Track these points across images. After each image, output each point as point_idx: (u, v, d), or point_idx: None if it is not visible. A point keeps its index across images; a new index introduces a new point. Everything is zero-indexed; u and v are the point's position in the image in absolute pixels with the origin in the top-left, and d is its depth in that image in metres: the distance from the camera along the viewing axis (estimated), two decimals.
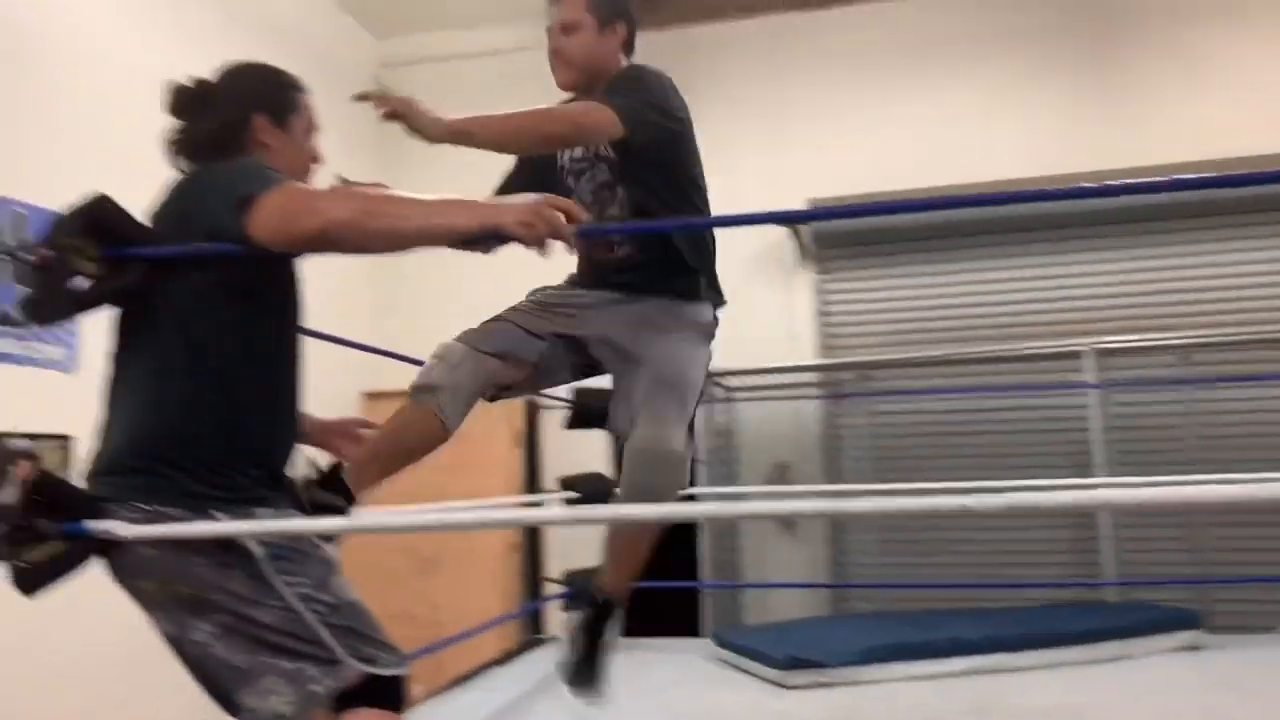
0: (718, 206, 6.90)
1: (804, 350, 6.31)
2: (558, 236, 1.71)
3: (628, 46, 2.65)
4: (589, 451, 5.86)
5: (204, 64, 2.08)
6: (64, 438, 4.29)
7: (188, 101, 1.97)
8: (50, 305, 1.62)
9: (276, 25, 5.75)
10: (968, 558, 5.77)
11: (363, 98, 2.21)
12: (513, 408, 6.45)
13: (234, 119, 1.95)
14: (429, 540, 6.06)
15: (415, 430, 2.35)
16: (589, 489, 4.14)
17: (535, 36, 6.71)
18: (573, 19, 2.61)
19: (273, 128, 1.98)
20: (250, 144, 1.96)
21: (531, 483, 6.27)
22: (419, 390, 2.37)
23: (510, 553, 6.13)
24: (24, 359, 4.14)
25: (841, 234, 6.37)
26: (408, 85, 7.66)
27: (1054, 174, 5.65)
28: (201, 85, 1.99)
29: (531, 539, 6.20)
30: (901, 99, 6.36)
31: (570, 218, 1.72)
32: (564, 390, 4.12)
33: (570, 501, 4.14)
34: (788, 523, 6.10)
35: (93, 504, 1.61)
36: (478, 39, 6.88)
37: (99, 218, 1.64)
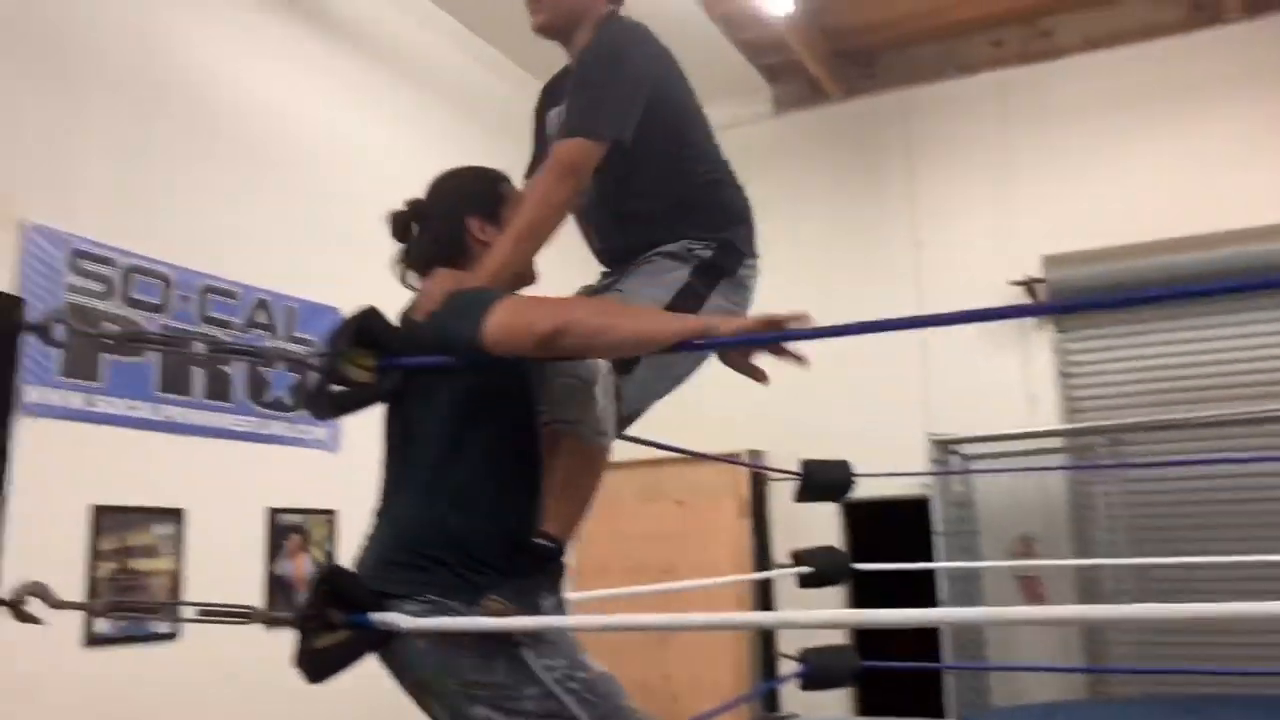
0: (948, 267, 6.77)
1: (1046, 414, 5.99)
2: (774, 348, 1.77)
3: None
4: (817, 521, 5.77)
5: (450, 161, 2.23)
6: (329, 513, 4.64)
7: (405, 224, 2.09)
8: (327, 404, 1.77)
9: (505, 119, 6.12)
10: (1246, 636, 5.23)
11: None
12: (739, 478, 6.44)
13: (450, 229, 2.04)
14: (663, 610, 6.09)
15: (601, 472, 2.03)
16: (822, 564, 4.05)
17: (748, 113, 6.87)
18: None
19: (487, 225, 2.05)
20: (471, 246, 2.04)
21: (761, 554, 6.21)
22: (601, 434, 2.01)
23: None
24: (293, 440, 4.52)
25: (1082, 290, 6.03)
26: None
27: None
28: (414, 205, 2.11)
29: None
30: (1139, 146, 6.02)
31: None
32: (794, 462, 4.09)
33: (803, 577, 4.06)
34: (1036, 595, 5.76)
35: (376, 597, 1.71)
36: None
37: (367, 328, 1.79)
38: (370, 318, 1.81)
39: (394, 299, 2.01)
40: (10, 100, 3.64)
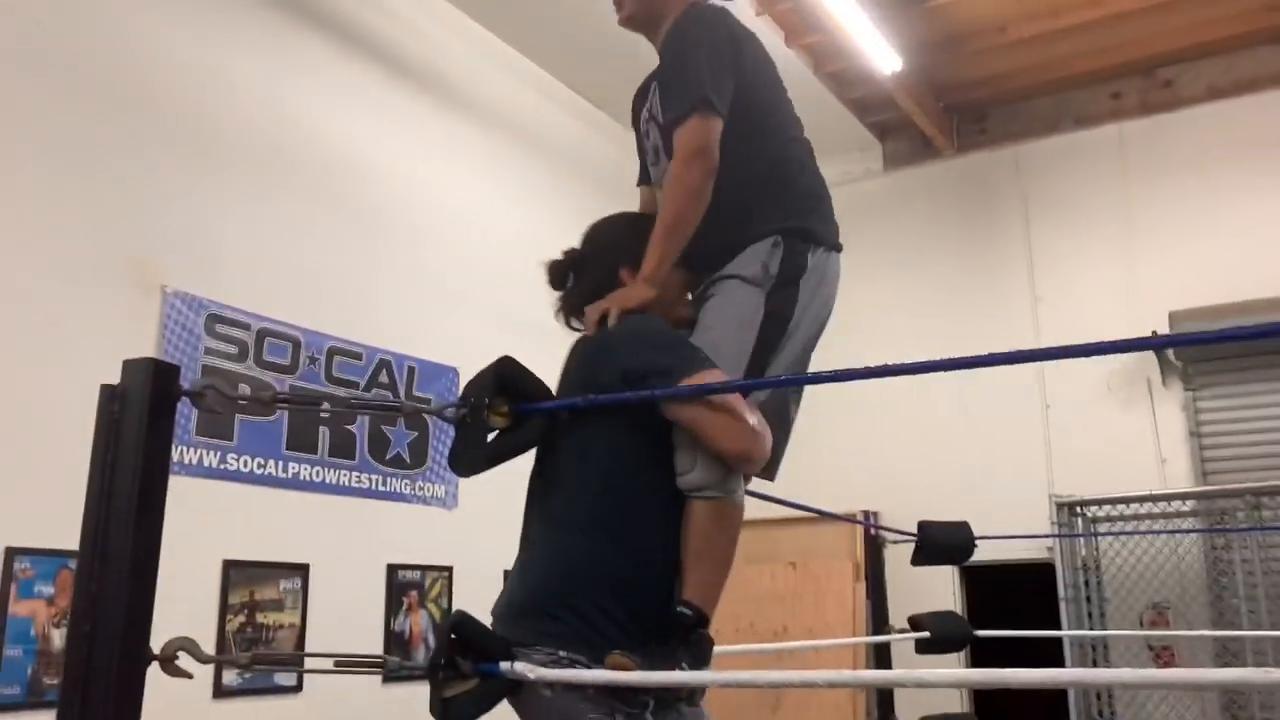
0: (1069, 322, 6.58)
1: (1177, 476, 5.74)
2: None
3: None
4: (936, 586, 5.61)
5: (570, 230, 2.29)
6: (446, 569, 4.72)
7: (561, 273, 2.17)
8: (470, 459, 1.79)
9: (613, 179, 6.24)
10: None
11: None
12: (854, 539, 6.32)
13: (604, 278, 2.11)
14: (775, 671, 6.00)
15: (736, 531, 2.00)
16: (941, 629, 3.93)
17: (859, 170, 6.87)
18: None
19: (637, 274, 2.07)
20: None
21: (876, 619, 6.06)
22: (731, 490, 1.96)
23: (855, 692, 5.92)
24: (412, 497, 4.63)
25: (1214, 345, 5.80)
26: None
27: None
28: (569, 254, 2.19)
29: None
30: (1268, 197, 5.79)
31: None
32: (912, 523, 4.01)
33: (920, 643, 3.94)
34: (1169, 667, 5.46)
35: (506, 646, 1.71)
36: None
37: (506, 376, 1.82)
38: (508, 365, 1.83)
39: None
40: (153, 172, 3.88)
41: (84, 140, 3.68)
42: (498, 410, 1.74)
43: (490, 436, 1.77)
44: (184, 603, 3.61)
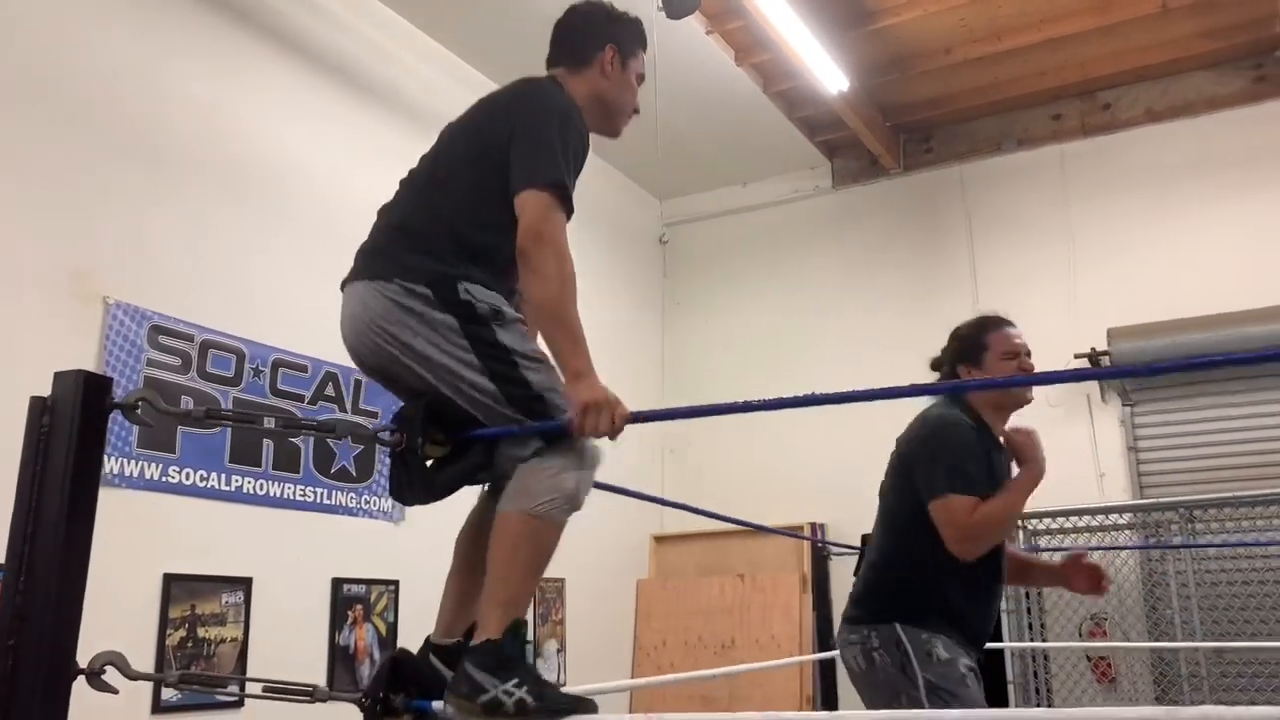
0: None
1: (1115, 490, 5.87)
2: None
3: None
4: None
5: None
6: (392, 583, 4.69)
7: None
8: (415, 490, 1.80)
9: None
10: None
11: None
12: (801, 552, 6.38)
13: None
14: (723, 688, 6.04)
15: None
16: None
17: (809, 188, 6.97)
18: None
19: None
20: None
21: (822, 630, 6.12)
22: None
23: (806, 704, 5.97)
24: (358, 510, 4.60)
25: (1149, 362, 5.92)
26: (687, 240, 7.88)
27: None
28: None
29: (827, 694, 6.01)
30: (1204, 218, 5.96)
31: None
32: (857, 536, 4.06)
33: None
34: (1106, 678, 5.57)
35: (441, 684, 1.70)
36: (751, 193, 7.19)
37: (435, 408, 1.84)
38: (438, 397, 1.85)
39: None
40: (95, 182, 3.84)
41: (24, 150, 3.63)
42: (434, 440, 1.76)
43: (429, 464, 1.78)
44: (124, 616, 3.56)
